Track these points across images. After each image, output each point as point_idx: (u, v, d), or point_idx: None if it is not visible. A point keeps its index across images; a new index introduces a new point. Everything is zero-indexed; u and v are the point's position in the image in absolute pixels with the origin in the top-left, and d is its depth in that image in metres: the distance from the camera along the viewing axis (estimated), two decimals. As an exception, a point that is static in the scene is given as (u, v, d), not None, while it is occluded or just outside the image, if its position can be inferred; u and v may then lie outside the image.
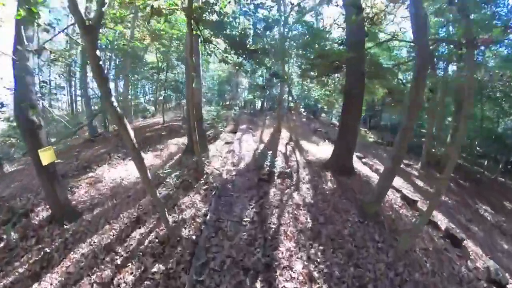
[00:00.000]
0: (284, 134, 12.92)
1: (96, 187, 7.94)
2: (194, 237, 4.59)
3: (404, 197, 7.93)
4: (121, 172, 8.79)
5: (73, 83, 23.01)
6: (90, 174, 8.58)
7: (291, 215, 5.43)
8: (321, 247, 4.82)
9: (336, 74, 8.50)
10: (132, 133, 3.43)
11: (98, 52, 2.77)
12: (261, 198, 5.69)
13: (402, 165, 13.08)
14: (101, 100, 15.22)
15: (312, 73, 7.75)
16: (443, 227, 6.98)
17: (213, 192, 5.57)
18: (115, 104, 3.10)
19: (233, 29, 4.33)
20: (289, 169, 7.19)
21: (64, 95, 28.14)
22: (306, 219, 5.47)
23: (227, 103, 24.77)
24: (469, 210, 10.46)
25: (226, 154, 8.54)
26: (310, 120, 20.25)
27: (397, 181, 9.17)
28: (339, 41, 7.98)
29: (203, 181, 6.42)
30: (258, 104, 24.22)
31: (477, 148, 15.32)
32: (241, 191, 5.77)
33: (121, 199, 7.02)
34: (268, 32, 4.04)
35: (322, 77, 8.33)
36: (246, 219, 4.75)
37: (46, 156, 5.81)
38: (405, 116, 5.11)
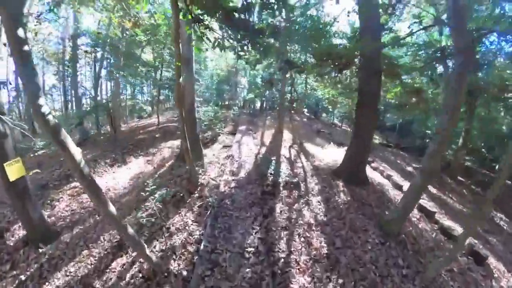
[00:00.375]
0: (287, 136, 11.98)
1: (78, 199, 6.99)
2: (185, 272, 3.65)
3: (421, 208, 7.07)
4: (108, 180, 7.83)
5: (67, 82, 21.89)
6: (73, 184, 7.61)
7: (302, 239, 4.50)
8: (340, 280, 3.93)
9: (347, 71, 7.53)
10: (78, 154, 2.43)
11: (21, 33, 1.80)
12: (266, 217, 4.76)
13: (410, 169, 12.26)
14: (93, 99, 14.19)
15: (320, 69, 6.77)
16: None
17: (209, 211, 4.61)
18: (45, 109, 2.09)
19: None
20: (296, 178, 6.25)
21: (59, 95, 27.05)
22: (321, 243, 4.56)
23: (226, 103, 23.76)
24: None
25: (224, 160, 7.57)
26: (311, 120, 19.33)
27: (403, 183, 8.29)
28: (353, 33, 7.01)
29: (197, 195, 5.47)
30: (257, 104, 23.24)
31: (483, 149, 14.46)
32: (242, 209, 4.82)
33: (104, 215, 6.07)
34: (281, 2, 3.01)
35: (331, 74, 7.37)
36: (249, 249, 3.81)
37: (14, 171, 4.81)
38: (440, 123, 4.18)
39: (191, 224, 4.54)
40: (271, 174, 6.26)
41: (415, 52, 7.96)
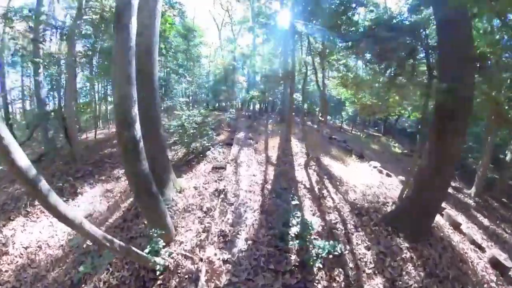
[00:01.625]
0: (296, 147, 9.13)
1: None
2: None
3: (495, 262, 4.64)
4: (43, 228, 4.92)
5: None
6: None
7: None
8: None
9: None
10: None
11: None
12: None
13: (450, 190, 9.61)
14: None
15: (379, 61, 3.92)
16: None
17: None
18: None
19: None
20: (338, 246, 3.32)
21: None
22: None
23: (223, 104, 20.68)
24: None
25: (212, 199, 4.59)
26: (316, 124, 16.47)
27: (459, 219, 5.99)
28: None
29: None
30: (257, 105, 20.22)
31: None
32: None
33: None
34: None
35: (390, 66, 4.51)
36: None
37: None
38: None
39: None
40: (292, 236, 3.38)
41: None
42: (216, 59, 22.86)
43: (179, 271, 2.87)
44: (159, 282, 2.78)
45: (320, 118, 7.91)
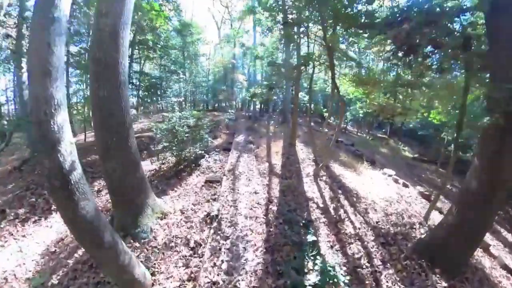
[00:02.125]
0: (302, 153, 8.26)
1: None
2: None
3: None
4: (11, 255, 4.09)
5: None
6: None
7: None
8: None
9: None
10: None
11: None
12: None
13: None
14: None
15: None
16: None
17: None
18: None
19: None
20: None
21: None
22: None
23: (223, 104, 19.79)
24: None
25: (201, 228, 3.67)
26: (319, 125, 15.58)
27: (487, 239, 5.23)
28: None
29: None
30: (256, 106, 19.27)
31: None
32: None
33: None
34: None
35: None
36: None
37: None
38: None
39: None
40: None
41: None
42: (215, 57, 21.96)
43: None
44: None
45: (329, 121, 7.00)
